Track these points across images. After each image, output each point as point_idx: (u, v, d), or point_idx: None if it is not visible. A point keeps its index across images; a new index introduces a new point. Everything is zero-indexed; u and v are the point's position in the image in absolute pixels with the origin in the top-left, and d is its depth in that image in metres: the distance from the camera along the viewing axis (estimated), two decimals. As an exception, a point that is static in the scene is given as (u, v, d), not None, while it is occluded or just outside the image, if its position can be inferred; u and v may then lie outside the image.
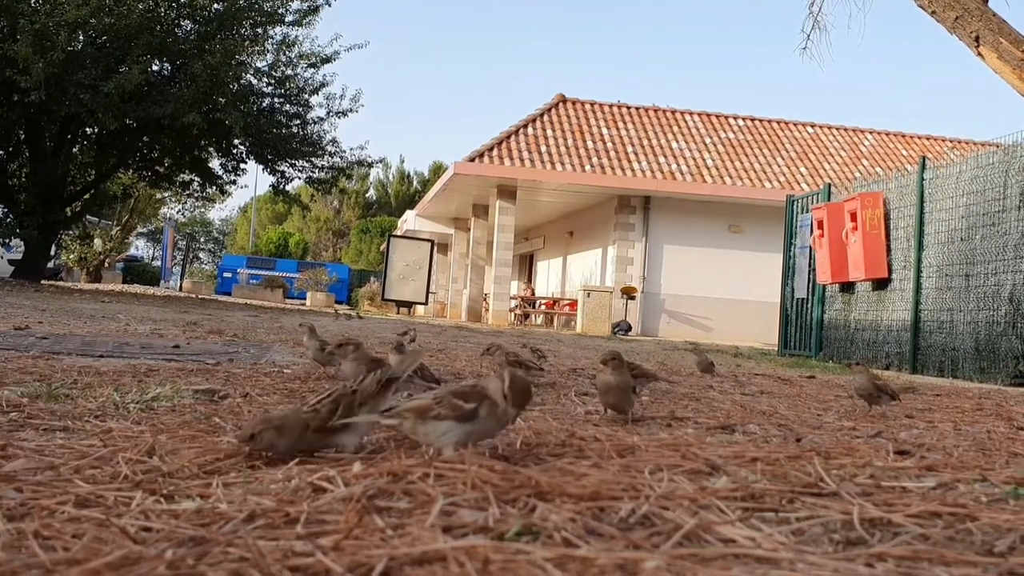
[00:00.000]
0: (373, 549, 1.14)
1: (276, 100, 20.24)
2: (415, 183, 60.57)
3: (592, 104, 23.65)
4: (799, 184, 20.86)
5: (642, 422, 2.77)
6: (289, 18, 19.16)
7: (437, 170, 54.57)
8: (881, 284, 10.14)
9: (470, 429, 1.74)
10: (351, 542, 1.18)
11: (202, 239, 68.89)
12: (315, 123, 20.75)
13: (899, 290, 9.80)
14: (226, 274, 40.32)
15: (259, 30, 18.78)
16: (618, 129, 22.60)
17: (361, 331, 8.59)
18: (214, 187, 22.52)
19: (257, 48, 18.72)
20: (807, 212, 11.88)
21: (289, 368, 3.98)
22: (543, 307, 24.72)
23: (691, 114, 24.14)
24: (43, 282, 19.42)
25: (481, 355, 4.57)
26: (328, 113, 20.71)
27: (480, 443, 1.81)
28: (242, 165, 21.72)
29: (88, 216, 25.74)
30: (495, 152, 20.49)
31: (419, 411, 1.76)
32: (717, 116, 24.26)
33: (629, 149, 21.71)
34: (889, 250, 10.04)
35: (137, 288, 26.60)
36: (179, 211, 45.92)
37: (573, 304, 21.68)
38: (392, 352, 3.07)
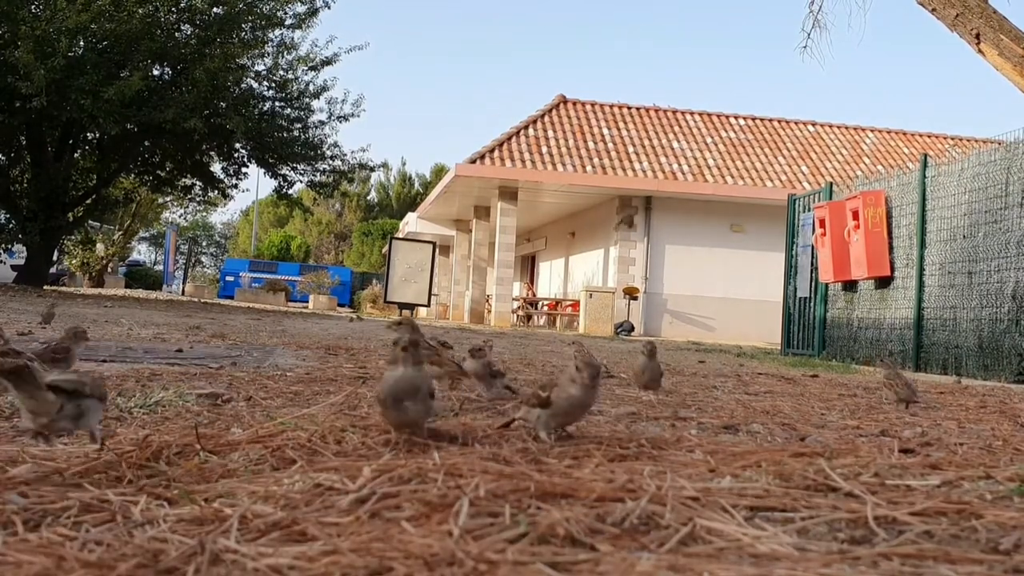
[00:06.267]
0: (379, 552, 1.14)
1: (277, 104, 20.26)
2: (416, 185, 60.60)
3: (593, 104, 23.63)
4: (801, 183, 20.83)
5: (645, 422, 2.77)
6: (288, 21, 19.18)
7: (438, 172, 54.61)
8: (884, 282, 10.13)
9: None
10: (359, 543, 1.18)
11: (204, 243, 68.90)
12: (316, 127, 20.76)
13: (902, 288, 9.79)
14: (228, 278, 40.30)
15: (258, 33, 18.79)
16: (619, 129, 22.58)
17: (363, 334, 8.60)
18: (216, 191, 22.54)
19: (256, 51, 18.73)
20: (809, 211, 11.87)
21: (292, 371, 3.98)
22: (545, 308, 24.70)
23: (692, 114, 24.11)
24: (46, 287, 19.45)
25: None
26: (329, 117, 20.73)
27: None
28: (243, 169, 21.77)
29: (90, 221, 25.77)
30: (496, 153, 20.48)
31: None
32: (718, 115, 24.23)
33: (630, 149, 21.69)
34: (891, 248, 10.03)
35: (140, 293, 26.63)
36: (181, 215, 46.06)
37: (575, 305, 21.67)
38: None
